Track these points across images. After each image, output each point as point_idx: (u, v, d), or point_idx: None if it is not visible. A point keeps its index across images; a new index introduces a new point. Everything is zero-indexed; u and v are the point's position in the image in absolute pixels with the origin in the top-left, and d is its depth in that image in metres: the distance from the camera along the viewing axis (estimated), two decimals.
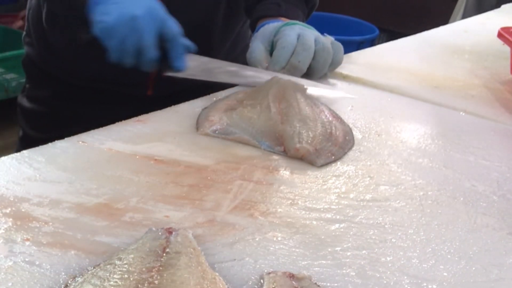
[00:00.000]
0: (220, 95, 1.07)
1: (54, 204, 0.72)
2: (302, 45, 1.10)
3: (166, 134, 0.92)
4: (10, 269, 0.60)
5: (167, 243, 0.64)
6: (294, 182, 0.84)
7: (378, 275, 0.66)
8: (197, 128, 0.94)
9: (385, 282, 0.65)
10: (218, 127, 0.94)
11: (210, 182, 0.80)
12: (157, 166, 0.83)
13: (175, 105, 1.03)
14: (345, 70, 1.26)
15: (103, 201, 0.74)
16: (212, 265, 0.63)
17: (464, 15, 2.42)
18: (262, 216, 0.74)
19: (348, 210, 0.78)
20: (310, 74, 1.16)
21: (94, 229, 0.68)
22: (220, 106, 1.00)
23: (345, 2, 3.82)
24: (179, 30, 1.03)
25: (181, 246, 0.64)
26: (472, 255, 0.72)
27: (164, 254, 0.62)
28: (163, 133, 0.92)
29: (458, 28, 1.75)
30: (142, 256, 0.61)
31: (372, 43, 3.34)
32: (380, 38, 3.56)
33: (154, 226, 0.68)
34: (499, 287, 0.67)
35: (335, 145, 0.92)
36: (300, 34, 1.11)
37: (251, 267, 0.65)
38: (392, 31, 3.57)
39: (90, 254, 0.64)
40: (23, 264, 0.61)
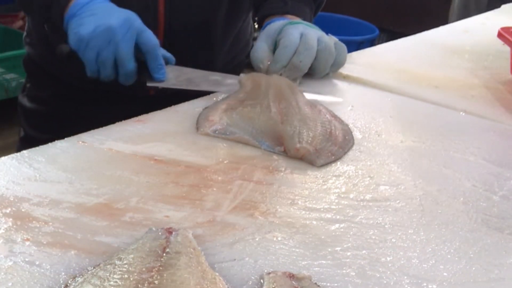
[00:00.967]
0: (220, 96, 1.07)
1: (54, 204, 0.72)
2: (305, 44, 1.10)
3: (166, 134, 0.92)
4: (10, 269, 0.60)
5: (167, 243, 0.64)
6: (294, 182, 0.84)
7: (378, 275, 0.66)
8: (197, 128, 0.94)
9: (385, 282, 0.65)
10: (218, 127, 0.94)
11: (210, 182, 0.80)
12: (157, 166, 0.83)
13: (175, 105, 1.03)
14: (345, 70, 1.25)
15: (103, 201, 0.74)
16: (212, 265, 0.63)
17: (458, 16, 2.40)
18: (262, 216, 0.74)
19: (348, 210, 0.78)
20: (311, 74, 1.16)
21: (94, 229, 0.68)
22: (220, 106, 1.00)
23: (345, 2, 3.82)
24: (157, 41, 1.03)
25: (181, 246, 0.64)
26: (472, 255, 0.72)
27: (164, 254, 0.62)
28: (163, 133, 0.92)
29: (458, 28, 1.75)
30: (142, 256, 0.61)
31: (372, 43, 3.34)
32: (380, 38, 3.56)
33: (154, 226, 0.68)
34: (499, 287, 0.67)
35: (335, 145, 0.92)
36: (303, 33, 1.11)
37: (251, 267, 0.65)
38: (392, 31, 3.57)
39: (90, 254, 0.64)
40: (23, 264, 0.61)
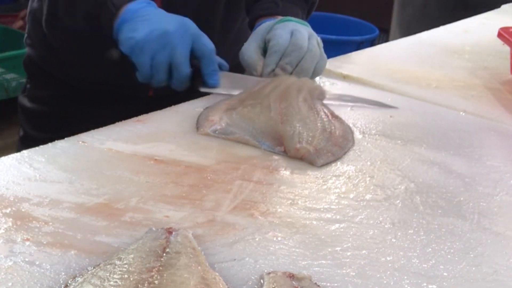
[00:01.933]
0: (220, 96, 1.07)
1: (54, 204, 0.72)
2: (294, 45, 1.08)
3: (166, 134, 0.92)
4: (10, 269, 0.60)
5: (167, 243, 0.64)
6: (294, 182, 0.84)
7: (378, 275, 0.66)
8: (197, 128, 0.94)
9: (385, 282, 0.65)
10: (218, 127, 0.94)
11: (210, 182, 0.80)
12: (157, 166, 0.83)
13: (175, 105, 1.03)
14: (345, 70, 1.25)
15: (103, 201, 0.74)
16: (212, 265, 0.63)
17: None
18: (262, 216, 0.74)
19: (348, 210, 0.78)
20: (297, 72, 1.10)
21: (94, 229, 0.68)
22: (220, 106, 1.00)
23: (345, 2, 3.82)
24: (213, 47, 1.02)
25: (181, 246, 0.64)
26: (472, 255, 0.72)
27: (164, 254, 0.62)
28: (163, 133, 0.92)
29: (458, 28, 1.75)
30: (142, 256, 0.61)
31: (372, 43, 3.34)
32: (380, 38, 3.56)
33: (154, 226, 0.68)
34: (499, 287, 0.67)
35: (335, 145, 0.92)
36: (293, 31, 1.09)
37: (251, 267, 0.65)
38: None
39: (90, 254, 0.64)
40: (23, 264, 0.61)
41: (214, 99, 1.05)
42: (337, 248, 0.70)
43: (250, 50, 1.12)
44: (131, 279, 0.57)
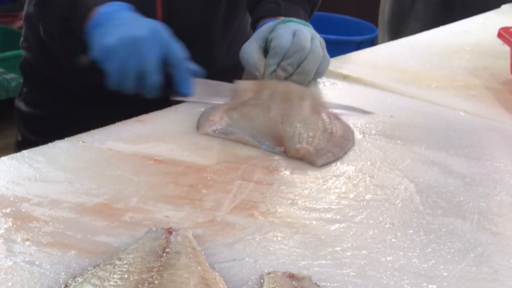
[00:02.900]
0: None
1: (54, 204, 0.72)
2: (296, 46, 1.07)
3: (166, 134, 0.92)
4: (10, 269, 0.60)
5: (167, 243, 0.64)
6: (294, 182, 0.84)
7: (378, 275, 0.66)
8: (197, 127, 0.94)
9: (385, 282, 0.65)
10: (218, 127, 0.94)
11: (210, 182, 0.80)
12: (157, 166, 0.83)
13: (175, 105, 1.03)
14: (345, 70, 1.25)
15: (103, 201, 0.74)
16: (212, 265, 0.63)
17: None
18: (262, 216, 0.74)
19: (348, 210, 0.78)
20: (299, 73, 1.09)
21: (94, 229, 0.68)
22: (221, 106, 1.00)
23: (345, 2, 3.82)
24: (185, 54, 1.00)
25: (181, 246, 0.64)
26: (472, 255, 0.72)
27: (164, 254, 0.62)
28: (163, 133, 0.93)
29: (458, 28, 1.74)
30: (142, 256, 0.61)
31: (372, 43, 3.34)
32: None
33: (154, 226, 0.68)
34: (499, 287, 0.67)
35: (336, 145, 0.92)
36: (295, 32, 1.08)
37: (251, 267, 0.65)
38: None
39: (90, 254, 0.64)
40: (23, 264, 0.61)
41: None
42: (337, 248, 0.70)
43: (251, 50, 1.11)
44: (131, 279, 0.57)
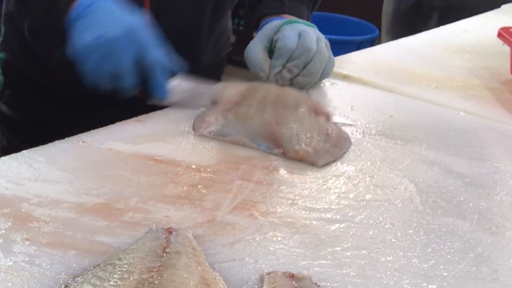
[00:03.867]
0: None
1: (54, 204, 0.72)
2: (302, 47, 1.07)
3: (166, 134, 0.92)
4: (10, 269, 0.60)
5: (167, 243, 0.64)
6: (294, 182, 0.84)
7: (378, 275, 0.66)
8: (193, 129, 0.94)
9: (385, 282, 0.65)
10: (214, 129, 0.93)
11: (210, 182, 0.80)
12: (157, 166, 0.83)
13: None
14: (345, 70, 1.25)
15: (103, 201, 0.74)
16: (212, 265, 0.63)
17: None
18: (262, 216, 0.74)
19: (348, 210, 0.78)
20: (305, 74, 1.09)
21: (94, 229, 0.68)
22: (217, 107, 0.99)
23: (345, 2, 3.82)
24: (160, 57, 0.94)
25: (181, 246, 0.64)
26: (472, 255, 0.72)
27: (164, 254, 0.62)
28: (163, 133, 0.92)
29: (458, 28, 1.74)
30: (142, 256, 0.61)
31: (372, 43, 3.34)
32: (380, 38, 3.56)
33: (154, 226, 0.68)
34: (499, 287, 0.67)
35: (334, 145, 0.92)
36: (301, 33, 1.08)
37: (251, 267, 0.65)
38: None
39: (90, 254, 0.64)
40: (23, 264, 0.61)
41: None
42: (337, 248, 0.70)
43: (256, 50, 1.10)
44: (131, 279, 0.57)
